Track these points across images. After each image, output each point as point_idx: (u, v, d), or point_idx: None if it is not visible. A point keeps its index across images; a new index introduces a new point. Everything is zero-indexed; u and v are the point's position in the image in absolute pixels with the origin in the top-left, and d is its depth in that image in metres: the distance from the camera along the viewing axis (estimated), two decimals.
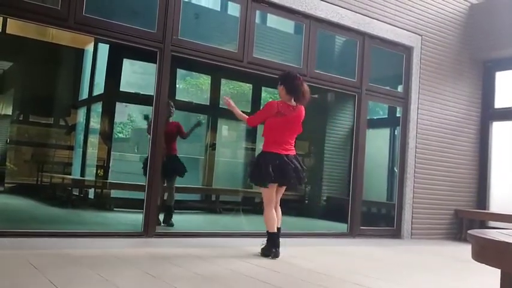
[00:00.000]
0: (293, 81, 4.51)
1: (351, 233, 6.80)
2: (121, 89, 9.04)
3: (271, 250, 4.42)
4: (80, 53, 9.61)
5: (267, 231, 4.50)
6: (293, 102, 4.52)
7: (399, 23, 7.28)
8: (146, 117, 6.36)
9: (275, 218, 4.49)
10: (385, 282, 3.80)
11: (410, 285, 3.82)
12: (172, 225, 6.25)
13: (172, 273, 3.43)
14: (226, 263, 4.03)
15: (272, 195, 4.54)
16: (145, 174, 5.42)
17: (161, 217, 6.15)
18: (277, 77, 4.80)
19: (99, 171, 8.91)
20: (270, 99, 11.48)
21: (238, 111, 4.80)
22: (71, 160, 9.89)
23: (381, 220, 8.00)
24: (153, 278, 3.23)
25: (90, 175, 9.05)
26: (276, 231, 4.46)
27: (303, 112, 4.61)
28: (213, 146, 9.86)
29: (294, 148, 4.62)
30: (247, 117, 4.79)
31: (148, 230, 5.18)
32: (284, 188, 4.66)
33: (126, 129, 11.29)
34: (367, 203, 7.64)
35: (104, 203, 8.00)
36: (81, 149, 9.58)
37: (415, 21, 7.45)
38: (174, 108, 6.55)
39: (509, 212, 7.35)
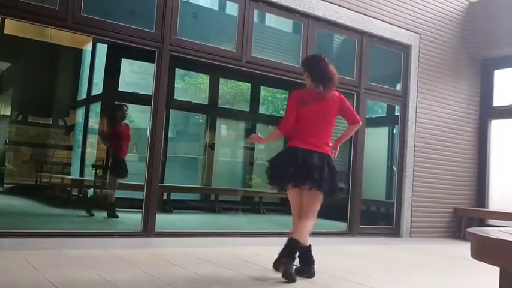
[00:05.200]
0: (318, 63, 3.79)
1: (350, 232, 6.82)
2: (119, 89, 9.04)
3: (280, 261, 3.48)
4: (78, 53, 9.59)
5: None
6: (321, 89, 3.73)
7: (397, 21, 7.28)
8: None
9: (296, 226, 3.72)
10: (385, 281, 3.81)
11: (410, 283, 3.83)
12: (117, 216, 6.69)
13: (173, 273, 3.43)
14: (226, 262, 4.03)
15: (293, 199, 3.75)
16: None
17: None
18: (300, 65, 4.13)
19: (98, 171, 8.90)
20: (269, 98, 11.51)
21: (267, 138, 4.21)
22: (70, 160, 9.88)
23: (380, 219, 8.00)
24: (153, 278, 3.22)
25: (89, 175, 9.04)
26: (293, 238, 3.56)
27: (337, 99, 3.79)
28: (211, 146, 9.86)
29: (327, 146, 3.75)
30: (276, 128, 3.84)
31: (148, 230, 5.18)
32: (314, 192, 3.65)
33: None
34: (366, 202, 7.64)
35: (103, 203, 7.98)
36: (80, 149, 9.58)
37: (413, 20, 7.46)
38: (127, 112, 6.98)
39: (508, 210, 7.37)
